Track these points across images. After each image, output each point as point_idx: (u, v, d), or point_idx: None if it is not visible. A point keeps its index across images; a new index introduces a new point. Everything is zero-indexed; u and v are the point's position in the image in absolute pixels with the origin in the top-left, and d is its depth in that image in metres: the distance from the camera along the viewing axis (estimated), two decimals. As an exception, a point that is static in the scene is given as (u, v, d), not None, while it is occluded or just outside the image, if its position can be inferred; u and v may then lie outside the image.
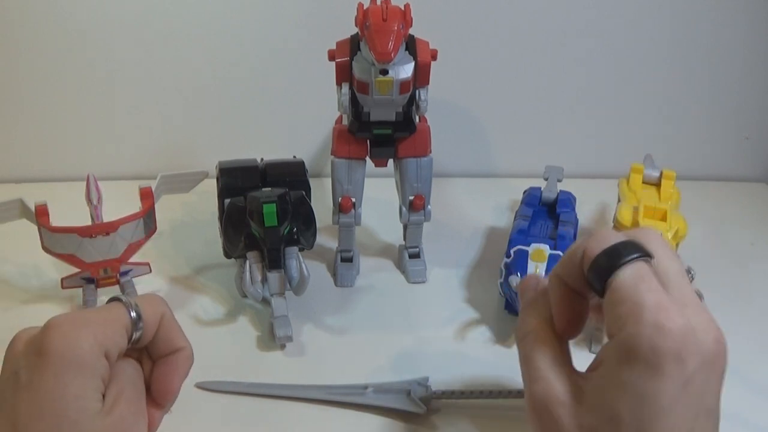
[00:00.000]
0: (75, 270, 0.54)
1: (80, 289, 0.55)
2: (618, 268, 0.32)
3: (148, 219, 0.54)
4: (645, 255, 0.33)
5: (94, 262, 0.53)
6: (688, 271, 0.38)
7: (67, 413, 0.32)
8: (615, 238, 0.34)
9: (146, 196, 0.55)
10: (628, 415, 0.30)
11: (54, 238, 0.51)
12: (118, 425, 0.33)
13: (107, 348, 0.34)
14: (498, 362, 0.52)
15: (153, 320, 0.36)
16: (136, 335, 0.35)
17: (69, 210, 0.53)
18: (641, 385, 0.30)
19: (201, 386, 0.49)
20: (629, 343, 0.30)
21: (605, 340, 0.33)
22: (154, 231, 0.56)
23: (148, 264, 0.57)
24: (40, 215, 0.52)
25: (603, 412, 0.31)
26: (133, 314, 0.35)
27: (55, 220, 0.52)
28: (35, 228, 0.52)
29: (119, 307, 0.35)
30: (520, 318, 0.37)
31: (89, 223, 0.52)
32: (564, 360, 0.35)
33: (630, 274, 0.32)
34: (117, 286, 0.56)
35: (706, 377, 0.30)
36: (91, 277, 0.54)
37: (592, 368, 0.33)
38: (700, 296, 0.34)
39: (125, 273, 0.56)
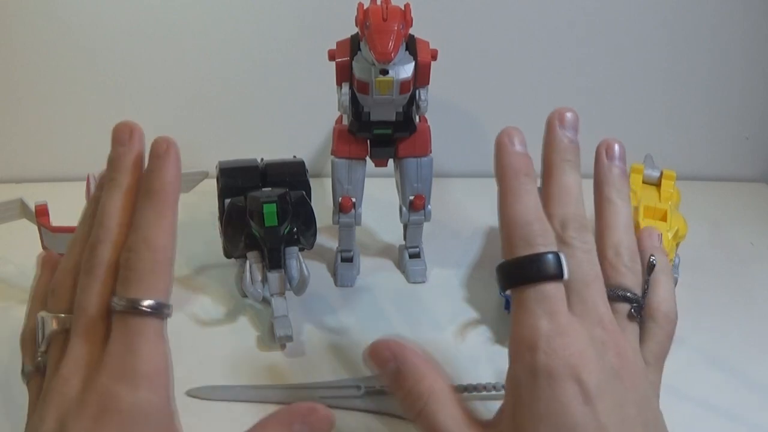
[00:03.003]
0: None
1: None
2: (524, 284, 0.32)
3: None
4: (555, 277, 0.31)
5: None
6: (651, 263, 0.36)
7: None
8: (543, 239, 0.32)
9: None
10: None
11: (54, 238, 0.51)
12: None
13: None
14: (498, 362, 0.52)
15: None
16: None
17: (69, 210, 0.52)
18: (552, 410, 0.29)
19: (192, 394, 0.48)
20: (527, 370, 0.30)
21: None
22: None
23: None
24: (40, 215, 0.52)
25: None
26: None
27: (55, 220, 0.52)
28: (35, 228, 0.52)
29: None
30: (401, 393, 0.33)
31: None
32: (471, 417, 0.33)
33: (533, 296, 0.31)
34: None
35: (620, 392, 0.30)
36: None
37: (500, 413, 0.33)
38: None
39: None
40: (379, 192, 0.61)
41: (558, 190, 0.35)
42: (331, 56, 0.53)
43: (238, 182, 0.55)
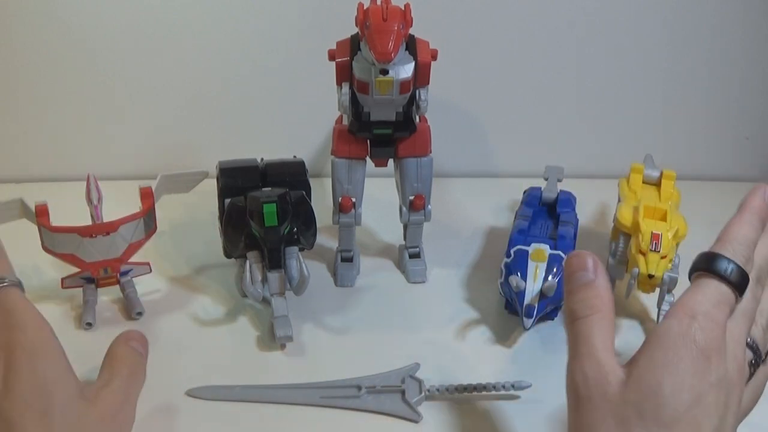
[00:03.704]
0: (75, 270, 0.54)
1: (80, 289, 0.55)
2: (714, 275, 0.37)
3: (148, 219, 0.54)
4: (736, 287, 0.37)
5: (95, 262, 0.53)
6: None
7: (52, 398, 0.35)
8: (746, 260, 0.38)
9: (146, 196, 0.55)
10: (669, 393, 0.33)
11: (54, 237, 0.51)
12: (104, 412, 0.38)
13: None
14: (498, 362, 0.52)
15: None
16: None
17: (69, 210, 0.53)
18: (682, 369, 0.33)
19: (192, 394, 0.48)
20: (676, 330, 0.35)
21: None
22: (154, 231, 0.56)
23: (148, 264, 0.57)
24: (40, 215, 0.52)
25: (648, 387, 0.33)
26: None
27: (55, 220, 0.52)
28: (35, 228, 0.52)
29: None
30: (579, 298, 0.38)
31: (89, 223, 0.52)
32: (613, 347, 0.37)
33: (716, 285, 0.36)
34: (117, 286, 0.56)
35: (726, 396, 0.35)
36: (91, 277, 0.54)
37: (635, 355, 0.36)
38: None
39: (125, 273, 0.56)
40: (379, 192, 0.61)
41: (764, 244, 0.40)
42: (331, 56, 0.53)
43: (238, 182, 0.55)
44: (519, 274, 0.52)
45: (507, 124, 0.79)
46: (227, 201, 0.54)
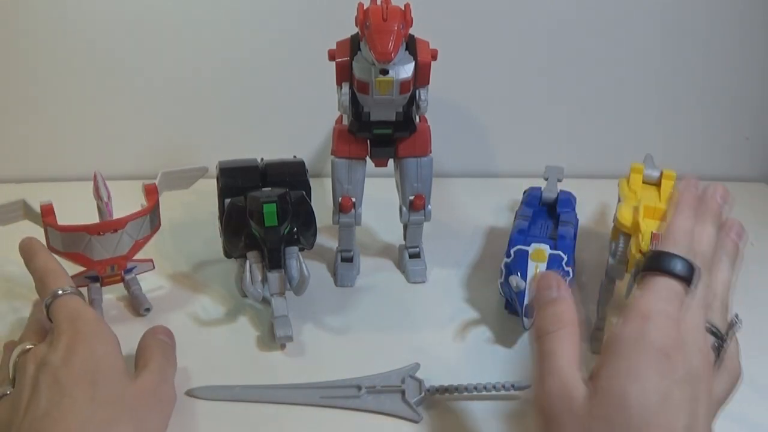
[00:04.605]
0: (79, 269, 0.54)
1: (85, 288, 0.55)
2: (660, 273, 0.37)
3: (153, 215, 0.55)
4: (686, 280, 0.37)
5: (102, 260, 0.53)
6: (732, 322, 0.43)
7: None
8: (687, 250, 0.39)
9: (151, 192, 0.55)
10: (634, 401, 0.33)
11: (61, 237, 0.51)
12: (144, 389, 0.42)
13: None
14: (498, 362, 0.52)
15: None
16: None
17: (70, 210, 0.53)
18: (644, 374, 0.33)
19: (191, 394, 0.48)
20: (632, 336, 0.35)
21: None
22: (159, 227, 0.56)
23: (151, 260, 0.57)
24: (46, 215, 0.52)
25: (613, 399, 0.33)
26: None
27: (58, 220, 0.52)
28: (35, 228, 0.52)
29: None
30: (545, 314, 0.38)
31: (93, 221, 0.52)
32: (578, 363, 0.37)
33: (664, 283, 0.37)
34: (120, 284, 0.56)
35: (696, 389, 0.34)
36: (95, 276, 0.54)
37: (596, 368, 0.36)
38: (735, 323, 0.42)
39: (129, 270, 0.56)
40: (379, 192, 0.61)
41: (702, 232, 0.42)
42: (331, 56, 0.53)
43: (238, 182, 0.55)
44: (519, 274, 0.52)
45: (507, 124, 0.79)
46: (227, 201, 0.54)
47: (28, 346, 0.43)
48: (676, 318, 0.36)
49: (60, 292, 0.45)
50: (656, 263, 0.38)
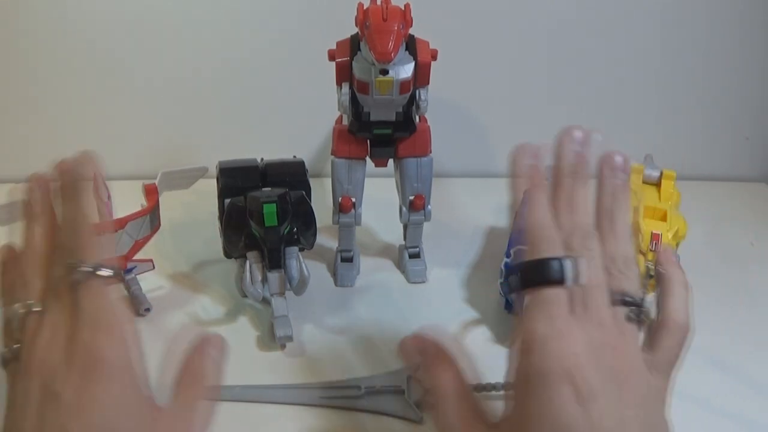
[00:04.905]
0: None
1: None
2: (528, 288, 0.34)
3: (153, 216, 0.55)
4: (556, 282, 0.33)
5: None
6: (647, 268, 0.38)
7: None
8: (548, 246, 0.34)
9: (151, 192, 0.55)
10: None
11: None
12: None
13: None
14: (498, 362, 0.52)
15: None
16: None
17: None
18: (546, 411, 0.30)
19: None
20: (524, 372, 0.32)
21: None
22: (159, 227, 0.56)
23: (151, 260, 0.57)
24: None
25: None
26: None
27: (56, 219, 0.52)
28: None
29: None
30: (423, 384, 0.36)
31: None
32: (479, 417, 0.35)
33: (534, 300, 0.33)
34: (122, 284, 0.56)
35: (617, 393, 0.31)
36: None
37: (504, 413, 0.34)
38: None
39: (129, 270, 0.56)
40: (379, 192, 0.61)
41: (565, 200, 0.37)
42: (331, 56, 0.53)
43: (238, 182, 0.55)
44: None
45: (507, 124, 0.79)
46: (227, 201, 0.54)
47: (35, 309, 0.35)
48: (561, 332, 0.32)
49: (101, 272, 0.35)
50: (524, 278, 0.34)
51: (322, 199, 0.64)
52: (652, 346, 0.35)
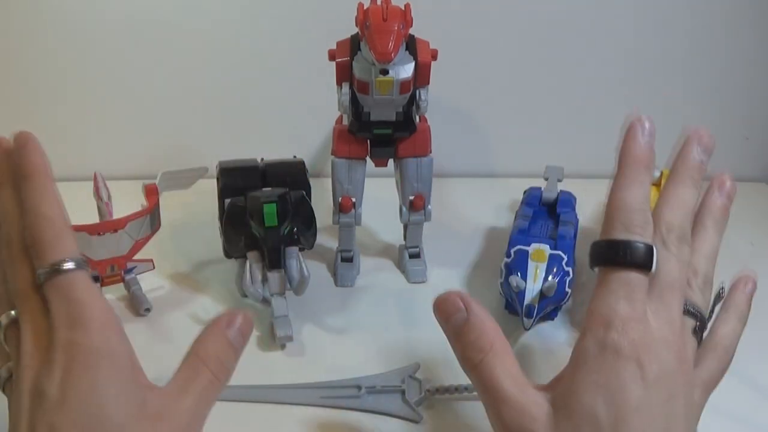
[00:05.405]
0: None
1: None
2: (613, 266, 0.34)
3: (153, 216, 0.55)
4: (643, 267, 0.34)
5: (102, 260, 0.53)
6: (719, 294, 0.40)
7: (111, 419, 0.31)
8: (643, 231, 0.34)
9: (152, 192, 0.55)
10: (604, 413, 0.31)
11: None
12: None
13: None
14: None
15: None
16: None
17: (70, 209, 0.52)
18: (611, 383, 0.32)
19: None
20: (600, 343, 0.32)
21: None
22: (159, 227, 0.56)
23: (151, 260, 0.57)
24: None
25: (581, 414, 0.32)
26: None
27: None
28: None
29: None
30: (465, 343, 0.35)
31: (93, 221, 0.52)
32: (522, 375, 0.35)
33: (619, 279, 0.34)
34: (121, 284, 0.56)
35: (673, 389, 0.32)
36: (96, 276, 0.54)
37: (558, 378, 0.35)
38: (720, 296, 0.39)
39: (129, 270, 0.56)
40: (379, 192, 0.61)
41: (675, 198, 0.37)
42: (331, 56, 0.53)
43: (238, 182, 0.55)
44: (519, 274, 0.52)
45: (507, 124, 0.79)
46: (227, 201, 0.54)
47: (12, 313, 0.34)
48: (640, 317, 0.33)
49: (65, 266, 0.33)
50: (608, 256, 0.34)
51: (322, 199, 0.63)
52: (698, 365, 0.36)
